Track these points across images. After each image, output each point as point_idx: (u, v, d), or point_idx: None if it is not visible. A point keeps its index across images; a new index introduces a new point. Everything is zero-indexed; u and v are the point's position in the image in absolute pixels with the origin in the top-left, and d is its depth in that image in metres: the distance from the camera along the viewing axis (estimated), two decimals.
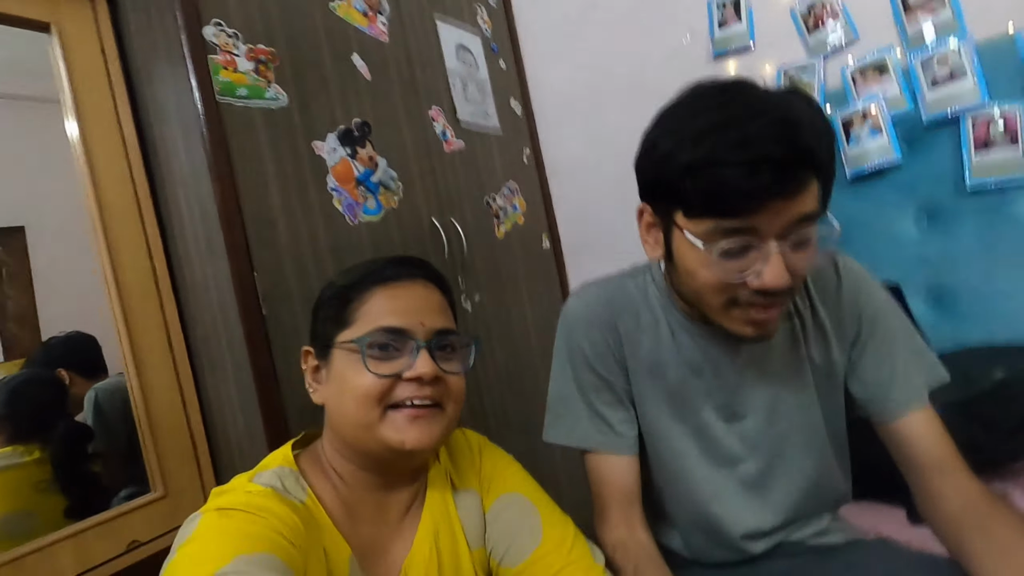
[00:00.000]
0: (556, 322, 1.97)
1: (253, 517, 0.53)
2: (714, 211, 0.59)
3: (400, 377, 0.62)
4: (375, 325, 0.63)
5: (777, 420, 0.75)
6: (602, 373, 0.78)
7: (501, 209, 1.82)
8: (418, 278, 0.68)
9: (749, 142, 0.55)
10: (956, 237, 1.38)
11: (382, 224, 1.37)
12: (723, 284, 0.62)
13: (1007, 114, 1.28)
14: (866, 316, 0.74)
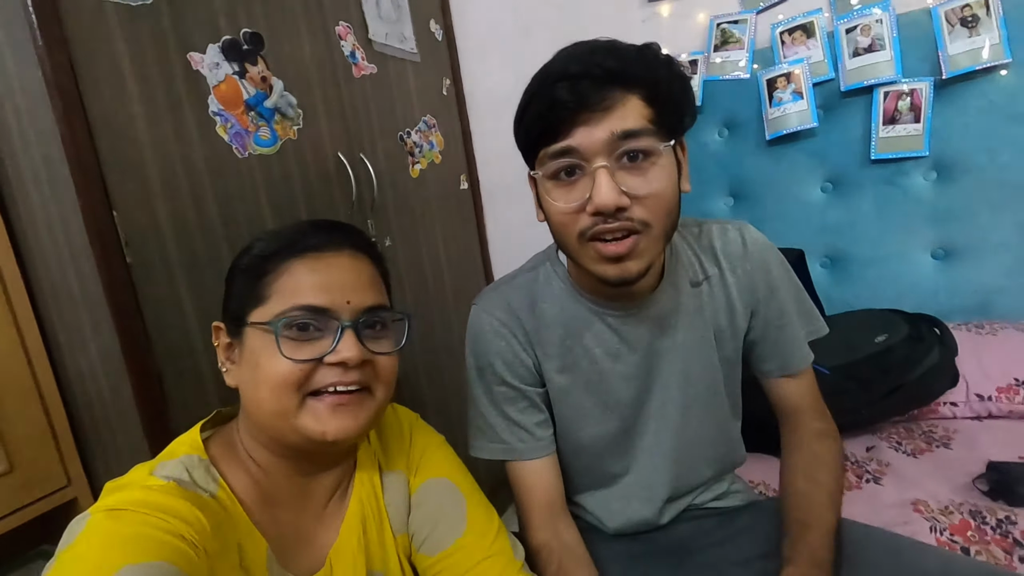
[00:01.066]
0: (472, 264, 1.92)
1: (147, 518, 0.47)
2: (538, 140, 0.63)
3: (321, 361, 0.55)
4: (292, 303, 0.55)
5: (687, 389, 0.76)
6: (514, 383, 0.77)
7: (416, 146, 1.67)
8: (345, 248, 0.59)
9: (552, 71, 0.62)
10: (855, 205, 1.46)
11: (278, 158, 1.19)
12: (568, 215, 0.63)
13: (914, 90, 1.33)
14: (770, 285, 0.76)
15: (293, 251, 0.58)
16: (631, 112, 0.60)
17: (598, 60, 0.60)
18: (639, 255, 0.63)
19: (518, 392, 0.77)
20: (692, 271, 0.75)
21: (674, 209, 0.65)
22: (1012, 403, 1.14)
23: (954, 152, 1.34)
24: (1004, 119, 1.28)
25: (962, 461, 1.04)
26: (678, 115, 0.64)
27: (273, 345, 0.54)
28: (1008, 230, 1.32)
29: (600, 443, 0.78)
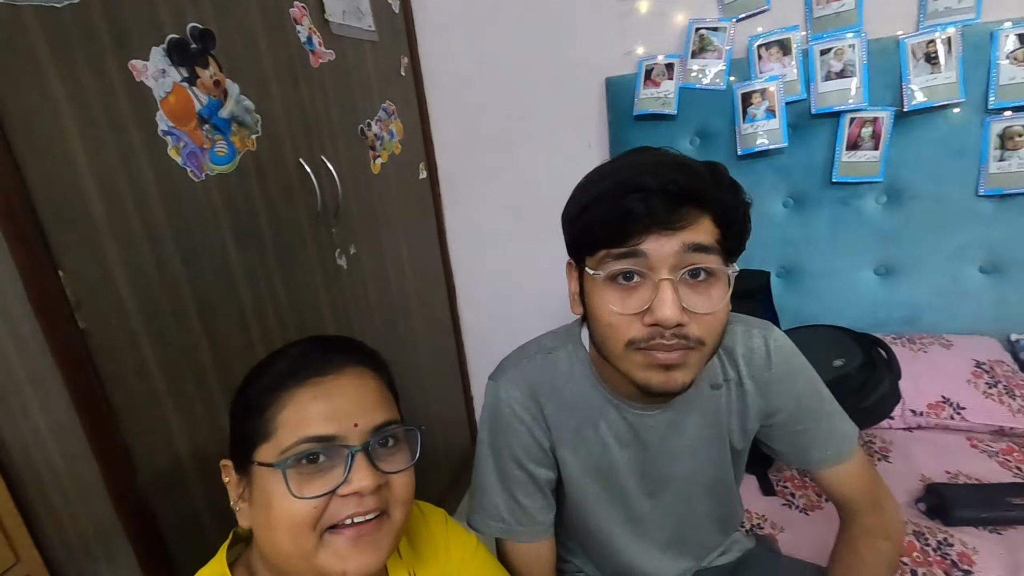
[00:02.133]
0: (432, 262, 1.85)
1: None
2: (604, 240, 0.62)
3: (334, 494, 0.52)
4: (298, 435, 0.52)
5: (694, 482, 0.79)
6: (528, 467, 0.77)
7: (377, 138, 1.54)
8: (346, 367, 0.57)
9: (630, 179, 0.60)
10: (812, 222, 1.54)
11: (237, 176, 1.05)
12: (621, 318, 0.62)
13: (877, 119, 1.39)
14: (793, 396, 0.76)
15: (295, 379, 0.55)
16: (703, 230, 0.60)
17: (674, 176, 0.59)
18: (687, 368, 0.63)
19: (529, 476, 0.77)
20: (713, 373, 0.76)
21: (721, 333, 0.64)
22: (939, 418, 1.29)
23: (904, 179, 1.43)
24: (951, 153, 1.38)
25: (901, 476, 1.18)
26: (741, 241, 0.64)
27: (283, 485, 0.51)
28: (941, 254, 1.46)
29: (607, 531, 0.80)
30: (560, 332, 0.81)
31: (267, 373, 0.56)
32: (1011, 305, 1.44)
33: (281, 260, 1.15)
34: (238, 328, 1.05)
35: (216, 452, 0.99)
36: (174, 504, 0.93)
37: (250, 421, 0.54)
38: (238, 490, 0.56)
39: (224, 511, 0.98)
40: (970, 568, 0.96)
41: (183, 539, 0.94)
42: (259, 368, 0.58)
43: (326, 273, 1.30)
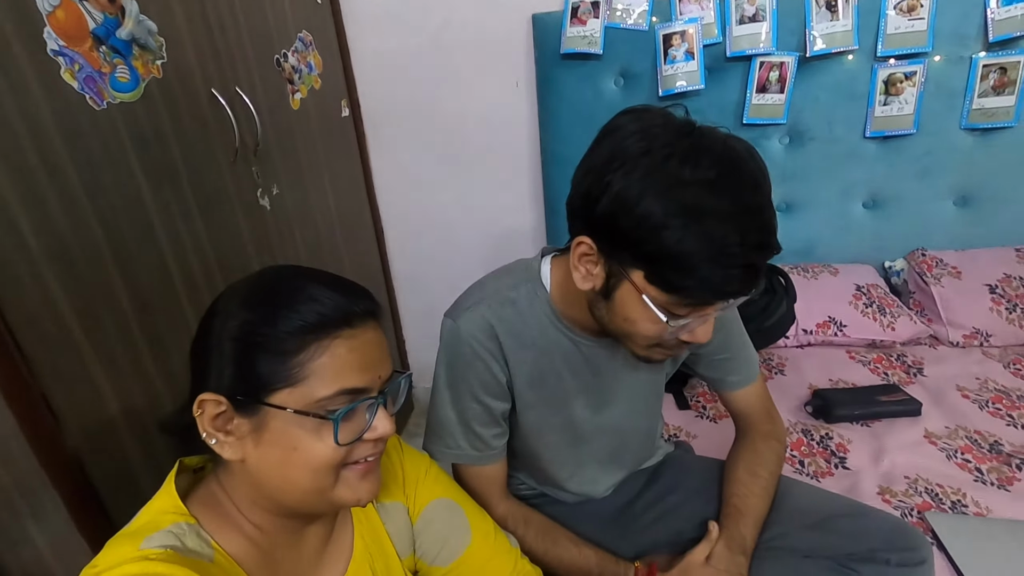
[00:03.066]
0: (359, 205, 1.80)
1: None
2: (685, 295, 0.61)
3: (360, 439, 0.55)
4: (337, 388, 0.52)
5: (633, 402, 0.88)
6: (485, 401, 0.81)
7: (295, 71, 1.45)
8: (370, 319, 0.57)
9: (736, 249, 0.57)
10: None
11: (144, 105, 0.96)
12: (657, 327, 0.66)
13: (783, 63, 1.49)
14: (721, 329, 0.85)
15: (328, 331, 0.53)
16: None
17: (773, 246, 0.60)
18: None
19: (486, 408, 0.81)
20: None
21: None
22: (826, 336, 1.48)
23: (804, 122, 1.56)
24: (844, 97, 1.52)
25: (793, 386, 1.36)
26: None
27: (314, 429, 0.52)
28: (832, 191, 1.62)
29: (553, 450, 0.87)
30: (519, 270, 0.83)
31: (290, 316, 0.52)
32: (886, 237, 1.64)
33: (200, 199, 1.09)
34: (158, 271, 1.00)
35: (143, 400, 0.96)
36: (103, 453, 0.90)
37: (267, 363, 0.52)
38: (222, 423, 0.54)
39: (157, 456, 0.97)
40: (845, 455, 1.13)
41: (116, 489, 0.91)
42: (267, 303, 0.53)
43: (249, 214, 1.24)
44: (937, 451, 1.11)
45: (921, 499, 1.01)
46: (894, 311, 1.47)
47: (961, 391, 1.27)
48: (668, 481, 0.96)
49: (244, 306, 0.54)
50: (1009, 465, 1.06)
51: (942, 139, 1.52)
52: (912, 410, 1.20)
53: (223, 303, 0.55)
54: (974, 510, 0.98)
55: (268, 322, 0.52)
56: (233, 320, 0.53)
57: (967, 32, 1.43)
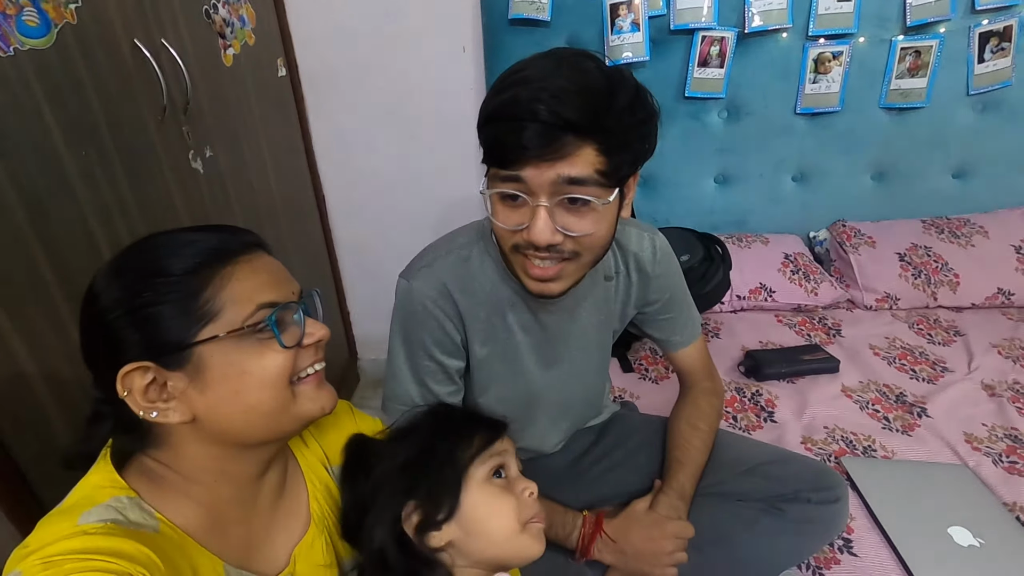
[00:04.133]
0: (299, 170, 1.73)
1: (91, 563, 0.45)
2: (493, 159, 0.66)
3: (300, 345, 0.56)
4: (255, 304, 0.53)
5: (582, 359, 0.91)
6: (439, 358, 0.82)
7: (227, 24, 1.35)
8: (256, 248, 0.58)
9: (518, 103, 0.61)
10: (667, 134, 1.69)
11: (57, 53, 0.88)
12: (507, 230, 0.68)
13: (724, 38, 1.54)
14: (668, 289, 0.91)
15: (224, 260, 0.54)
16: (581, 160, 0.62)
17: (553, 105, 0.59)
18: (563, 279, 0.71)
19: (440, 366, 0.82)
20: (607, 266, 0.85)
21: (608, 243, 0.71)
22: (757, 301, 1.58)
23: (742, 97, 1.62)
24: (777, 74, 1.59)
25: (727, 348, 1.44)
26: (632, 162, 0.67)
27: (256, 346, 0.53)
28: (766, 164, 1.70)
29: (506, 404, 0.89)
30: (471, 229, 0.84)
31: (180, 260, 0.52)
32: (812, 208, 1.75)
33: (125, 160, 1.01)
34: (81, 236, 0.93)
35: (68, 366, 0.90)
36: (25, 428, 0.84)
37: (177, 310, 0.51)
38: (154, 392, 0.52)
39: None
40: (773, 410, 1.23)
41: (44, 468, 0.86)
42: (155, 260, 0.52)
43: (181, 177, 1.17)
44: (852, 403, 1.23)
45: (838, 446, 1.12)
46: (817, 278, 1.59)
47: (873, 349, 1.40)
48: (615, 438, 1.01)
49: (124, 274, 0.53)
50: (911, 413, 1.18)
51: (863, 117, 1.62)
52: (831, 367, 1.31)
53: (99, 285, 0.53)
54: (882, 453, 1.09)
55: (159, 274, 0.51)
56: (120, 291, 0.52)
57: (888, 15, 1.52)
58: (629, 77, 0.65)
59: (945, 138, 1.64)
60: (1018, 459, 1.05)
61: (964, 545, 0.88)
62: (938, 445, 1.10)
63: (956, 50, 1.53)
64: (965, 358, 1.35)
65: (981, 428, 1.13)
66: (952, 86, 1.57)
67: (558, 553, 0.85)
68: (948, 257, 1.57)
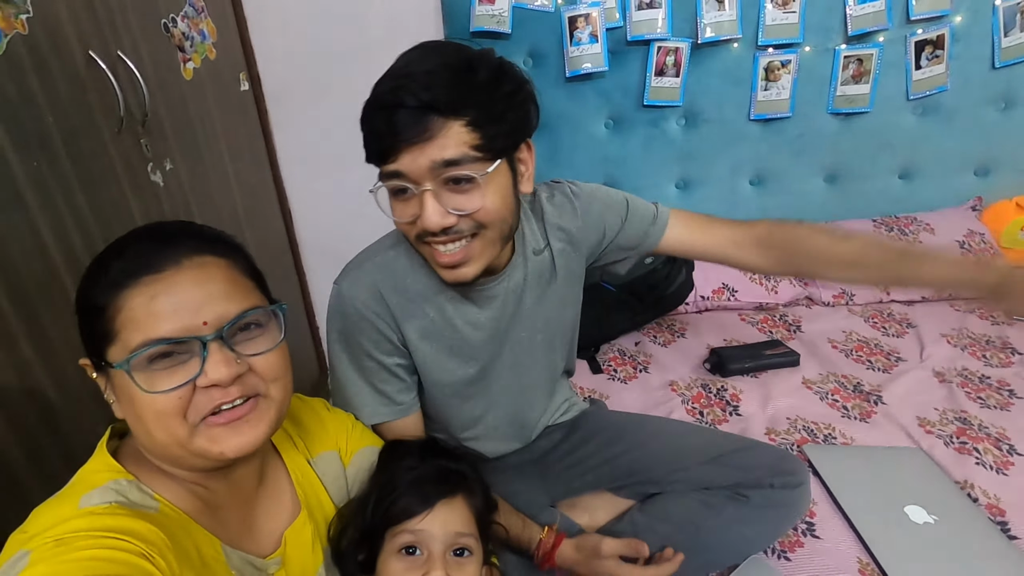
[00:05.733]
0: (263, 184, 1.72)
1: (101, 540, 0.45)
2: (373, 154, 0.68)
3: (194, 386, 0.51)
4: (143, 338, 0.49)
5: (533, 339, 0.91)
6: (380, 358, 0.81)
7: (186, 37, 1.35)
8: (183, 258, 0.52)
9: (386, 93, 0.64)
10: (628, 141, 1.74)
11: (7, 63, 0.87)
12: (405, 224, 0.70)
13: (678, 48, 1.60)
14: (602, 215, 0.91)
15: (129, 279, 0.50)
16: (452, 140, 0.63)
17: (415, 90, 0.62)
18: (473, 260, 0.72)
19: (381, 365, 0.82)
20: (534, 240, 0.86)
21: (508, 215, 0.72)
22: (720, 301, 1.62)
23: (698, 104, 1.68)
24: (731, 82, 1.65)
25: (693, 346, 1.47)
26: (509, 133, 0.68)
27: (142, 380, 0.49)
28: (723, 169, 1.76)
29: (460, 395, 0.89)
30: (396, 231, 0.83)
31: (102, 271, 0.51)
32: (770, 210, 1.81)
33: (80, 172, 0.99)
34: (33, 248, 0.91)
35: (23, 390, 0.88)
36: None
37: (93, 322, 0.51)
38: (105, 385, 0.54)
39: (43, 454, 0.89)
40: (737, 404, 1.26)
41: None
42: (95, 265, 0.53)
43: (140, 190, 1.15)
44: (812, 394, 1.27)
45: (800, 435, 1.15)
46: (777, 277, 1.64)
47: (831, 343, 1.44)
48: (584, 433, 1.01)
49: (84, 274, 0.54)
50: (868, 401, 1.23)
51: (812, 122, 1.70)
52: (792, 361, 1.35)
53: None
54: (841, 441, 1.13)
55: (87, 281, 0.53)
56: (81, 283, 0.53)
57: (831, 26, 1.60)
58: (490, 54, 0.68)
59: (890, 141, 1.72)
60: (968, 440, 1.10)
61: (919, 523, 0.92)
62: (893, 430, 1.14)
63: (895, 58, 1.62)
64: (917, 348, 1.40)
65: (933, 412, 1.17)
66: (893, 92, 1.66)
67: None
68: None
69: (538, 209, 0.88)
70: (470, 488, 0.69)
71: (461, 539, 0.65)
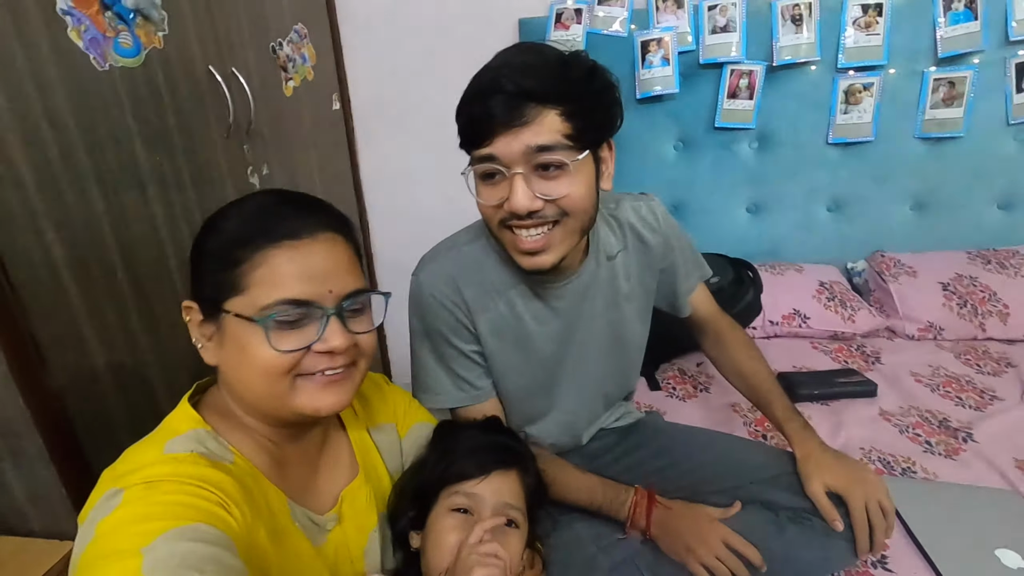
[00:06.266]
0: (346, 194, 1.85)
1: (184, 487, 0.49)
2: (468, 142, 0.71)
3: (309, 349, 0.56)
4: (276, 297, 0.54)
5: (599, 344, 0.92)
6: (459, 345, 0.85)
7: (289, 60, 1.51)
8: (320, 231, 0.57)
9: (484, 82, 0.68)
10: (697, 164, 1.73)
11: (144, 72, 1.01)
12: (491, 208, 0.73)
13: (752, 71, 1.59)
14: (675, 246, 0.95)
15: (269, 239, 0.55)
16: (546, 128, 0.67)
17: (514, 77, 0.66)
18: (553, 248, 0.74)
19: (460, 351, 0.85)
20: (608, 245, 0.88)
21: (590, 207, 0.74)
22: (791, 327, 1.55)
23: (772, 127, 1.66)
24: (808, 105, 1.62)
25: None
26: (597, 128, 0.72)
27: (259, 335, 0.54)
28: (798, 194, 1.71)
29: (524, 391, 0.91)
30: (475, 227, 0.89)
31: (237, 225, 0.56)
32: (848, 239, 1.73)
33: (192, 169, 1.13)
34: (150, 234, 1.03)
35: (126, 352, 0.98)
36: (85, 401, 0.91)
37: (220, 272, 0.55)
38: (201, 329, 0.58)
39: (139, 413, 0.99)
40: None
41: (98, 439, 0.93)
42: (225, 218, 0.57)
43: (239, 189, 1.28)
44: (891, 427, 1.18)
45: (875, 467, 1.07)
46: (854, 305, 1.55)
47: (915, 376, 1.34)
48: (637, 439, 1.00)
49: (211, 221, 0.59)
50: (956, 438, 1.12)
51: (898, 147, 1.62)
52: (868, 391, 1.27)
53: (208, 220, 0.60)
54: (922, 476, 1.04)
55: (214, 229, 0.57)
56: (202, 234, 0.58)
57: (919, 48, 1.54)
58: (584, 56, 0.71)
59: (988, 168, 1.61)
60: None
61: (1013, 568, 0.82)
62: (984, 470, 1.04)
63: (992, 80, 1.53)
64: (1018, 388, 1.28)
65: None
66: (991, 116, 1.56)
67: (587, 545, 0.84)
68: (996, 288, 1.51)
69: (621, 217, 0.90)
70: (525, 466, 0.71)
71: (510, 511, 0.66)
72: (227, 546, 0.47)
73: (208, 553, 0.45)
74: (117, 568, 0.43)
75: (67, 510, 0.89)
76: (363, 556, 0.68)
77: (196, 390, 0.62)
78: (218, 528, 0.48)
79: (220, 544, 0.47)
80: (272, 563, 0.54)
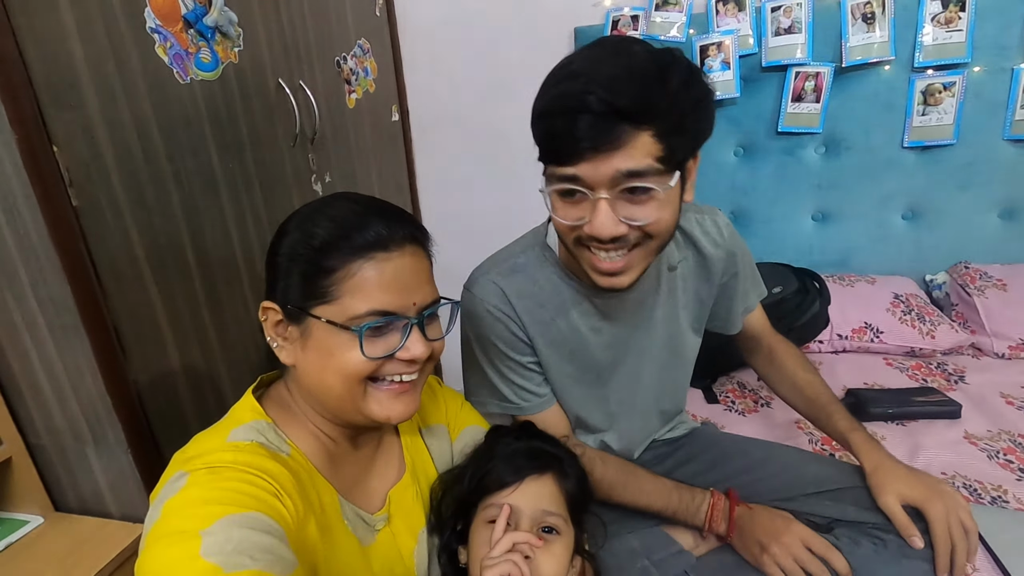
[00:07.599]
0: (401, 202, 1.89)
1: (244, 475, 0.51)
2: (548, 158, 0.65)
3: (392, 356, 0.58)
4: (366, 308, 0.55)
5: (655, 356, 0.90)
6: (515, 357, 0.83)
7: (353, 73, 1.57)
8: (407, 244, 0.58)
9: (569, 96, 0.60)
10: (759, 169, 1.67)
11: (220, 85, 1.07)
12: (568, 226, 0.68)
13: (819, 73, 1.53)
14: (737, 261, 0.91)
15: (360, 250, 0.56)
16: (639, 151, 0.60)
17: (602, 94, 0.58)
18: (632, 269, 0.70)
19: (516, 362, 0.84)
20: (670, 256, 0.85)
21: (673, 226, 0.69)
22: (861, 341, 1.46)
23: (840, 131, 1.58)
24: (881, 107, 1.53)
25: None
26: (691, 144, 0.65)
27: (347, 341, 0.56)
28: (869, 201, 1.62)
29: (580, 402, 0.89)
30: (527, 238, 0.88)
31: (326, 233, 0.56)
32: (927, 249, 1.62)
33: (261, 176, 1.19)
34: (220, 234, 1.09)
35: (198, 348, 1.04)
36: (160, 394, 0.97)
37: (308, 278, 0.56)
38: (278, 330, 0.60)
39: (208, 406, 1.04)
40: None
41: (169, 430, 0.98)
42: (313, 223, 0.57)
43: (303, 196, 1.34)
44: (978, 451, 1.08)
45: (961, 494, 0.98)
46: (934, 319, 1.44)
47: (1005, 398, 1.22)
48: (691, 450, 0.96)
49: (298, 226, 0.59)
50: None
51: (984, 150, 1.51)
52: (951, 412, 1.17)
53: (288, 223, 0.61)
54: (1015, 505, 0.94)
55: (307, 241, 0.57)
56: (288, 238, 0.59)
57: (1007, 43, 1.43)
58: (680, 56, 0.63)
59: None
60: None
61: None
62: None
63: None
64: None
65: None
66: None
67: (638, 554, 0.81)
68: None
69: (684, 227, 0.87)
70: (563, 471, 0.69)
71: (548, 517, 0.64)
72: (280, 537, 0.49)
73: (262, 542, 0.47)
74: (179, 547, 0.45)
75: (141, 495, 0.95)
76: (413, 556, 0.68)
77: (260, 383, 0.65)
78: (272, 518, 0.50)
79: (274, 534, 0.49)
80: (320, 557, 0.56)
